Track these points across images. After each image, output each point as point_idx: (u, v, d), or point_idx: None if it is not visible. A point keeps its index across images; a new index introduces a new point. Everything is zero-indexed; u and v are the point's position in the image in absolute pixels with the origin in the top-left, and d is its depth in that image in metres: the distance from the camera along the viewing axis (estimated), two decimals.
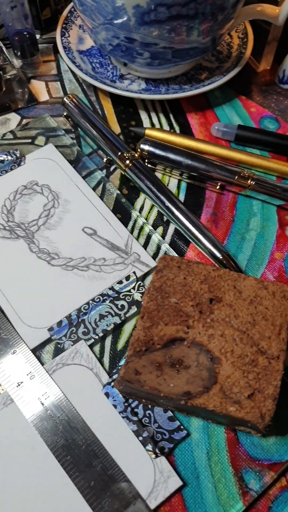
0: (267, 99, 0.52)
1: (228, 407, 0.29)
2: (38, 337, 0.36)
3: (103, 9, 0.41)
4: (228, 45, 0.53)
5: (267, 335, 0.32)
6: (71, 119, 0.48)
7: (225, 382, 0.30)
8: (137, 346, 0.32)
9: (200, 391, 0.30)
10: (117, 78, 0.51)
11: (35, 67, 0.54)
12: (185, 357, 0.32)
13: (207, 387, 0.30)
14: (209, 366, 0.31)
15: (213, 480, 0.31)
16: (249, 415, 0.29)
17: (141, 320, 0.33)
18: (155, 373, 0.31)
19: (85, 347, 0.35)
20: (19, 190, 0.44)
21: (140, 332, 0.32)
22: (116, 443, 0.32)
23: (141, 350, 0.32)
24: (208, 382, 0.30)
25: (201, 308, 0.33)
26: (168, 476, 0.31)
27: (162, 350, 0.32)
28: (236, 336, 0.32)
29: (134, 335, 0.32)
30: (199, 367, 0.31)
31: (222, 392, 0.30)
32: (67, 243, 0.40)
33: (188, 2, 0.39)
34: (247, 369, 0.31)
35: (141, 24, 0.41)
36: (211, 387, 0.30)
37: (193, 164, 0.43)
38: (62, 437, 0.32)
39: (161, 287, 0.34)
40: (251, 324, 0.32)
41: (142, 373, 0.31)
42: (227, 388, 0.30)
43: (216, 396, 0.30)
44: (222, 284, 0.34)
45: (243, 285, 0.34)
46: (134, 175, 0.43)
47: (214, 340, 0.32)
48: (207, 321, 0.33)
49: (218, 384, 0.30)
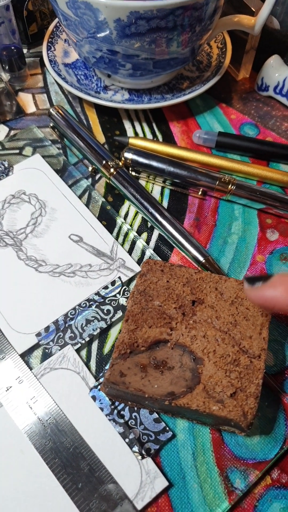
0: (247, 106, 0.51)
1: (211, 406, 0.29)
2: (26, 342, 0.35)
3: (86, 23, 0.40)
4: (208, 55, 0.53)
5: (249, 334, 0.31)
6: (58, 129, 0.48)
7: (208, 382, 0.30)
8: (122, 348, 0.31)
9: (184, 391, 0.30)
10: (101, 89, 0.50)
11: (23, 80, 0.53)
12: (169, 359, 0.31)
13: (190, 387, 0.30)
14: (192, 366, 0.31)
15: (199, 480, 0.30)
16: (231, 413, 0.29)
17: (126, 323, 0.32)
18: (140, 375, 0.31)
19: (72, 351, 0.35)
20: (7, 199, 0.43)
21: (125, 335, 0.32)
22: (103, 445, 0.31)
23: (126, 353, 0.31)
24: (191, 382, 0.30)
25: (184, 310, 0.33)
26: (155, 477, 0.30)
27: (147, 352, 0.31)
28: (218, 336, 0.31)
29: (119, 338, 0.32)
30: (182, 368, 0.31)
31: (205, 392, 0.29)
32: (54, 250, 0.40)
33: (166, 15, 0.38)
34: (229, 369, 0.30)
35: (123, 37, 0.40)
36: (194, 387, 0.30)
37: (176, 171, 0.43)
38: (50, 440, 0.31)
39: (145, 291, 0.33)
40: (233, 325, 0.32)
41: (127, 375, 0.30)
42: (210, 388, 0.30)
43: (199, 396, 0.29)
44: (204, 286, 0.34)
45: (224, 287, 0.34)
46: (119, 183, 0.42)
47: (197, 341, 0.31)
48: (189, 322, 0.32)
49: (201, 384, 0.30)
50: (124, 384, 0.30)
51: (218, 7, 0.42)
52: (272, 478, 0.31)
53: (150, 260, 0.35)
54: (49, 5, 0.55)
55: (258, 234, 0.41)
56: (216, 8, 0.42)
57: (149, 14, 0.38)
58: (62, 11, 0.41)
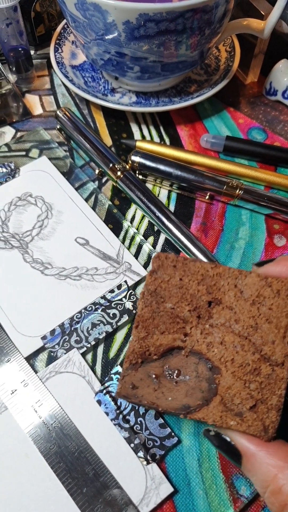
0: (255, 110, 0.51)
1: (228, 421, 0.27)
2: (31, 346, 0.35)
3: (94, 25, 0.41)
4: (216, 59, 0.53)
5: (271, 339, 0.28)
6: (64, 132, 0.48)
7: (225, 394, 0.27)
8: (133, 358, 0.29)
9: (200, 404, 0.28)
10: (108, 91, 0.51)
11: (30, 82, 0.54)
12: (183, 367, 0.29)
13: (206, 399, 0.28)
14: (209, 376, 0.29)
15: (204, 486, 0.30)
16: (251, 428, 0.26)
17: (136, 330, 0.30)
18: (153, 387, 0.29)
19: (78, 355, 0.35)
20: (13, 201, 0.43)
21: (135, 343, 0.30)
22: (108, 450, 0.31)
23: (137, 363, 0.29)
24: (207, 394, 0.28)
25: (199, 312, 0.30)
26: (160, 483, 0.30)
27: (159, 360, 0.29)
28: (237, 342, 0.29)
29: (129, 347, 0.30)
30: (198, 378, 0.29)
31: (222, 405, 0.27)
32: (60, 253, 0.40)
33: (176, 18, 0.39)
34: (249, 379, 0.28)
35: (131, 39, 0.40)
36: (211, 399, 0.28)
37: (183, 175, 0.43)
38: (55, 444, 0.31)
39: (156, 291, 0.31)
40: (253, 328, 0.29)
41: (140, 387, 0.29)
42: (228, 400, 0.27)
43: (216, 410, 0.27)
44: (222, 284, 0.30)
45: (245, 284, 0.30)
46: (126, 186, 0.43)
47: (214, 348, 0.29)
48: (205, 327, 0.29)
49: (218, 396, 0.28)
50: (136, 397, 0.28)
51: (228, 10, 0.42)
52: None
53: (161, 254, 0.31)
54: (57, 7, 0.56)
55: (266, 239, 0.41)
56: (226, 12, 0.42)
57: (158, 16, 0.38)
58: (71, 12, 0.42)
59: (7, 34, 0.49)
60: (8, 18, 0.47)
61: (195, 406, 0.27)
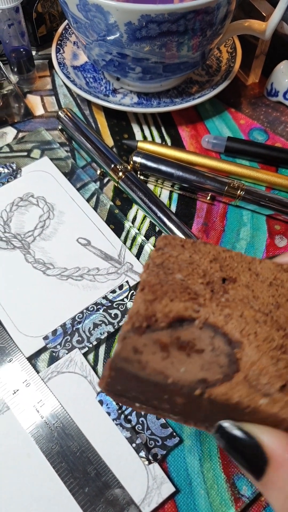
0: (256, 111, 0.52)
1: (257, 399, 0.22)
2: (33, 346, 0.36)
3: (96, 26, 0.41)
4: (218, 60, 0.54)
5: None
6: (66, 132, 0.48)
7: (249, 371, 0.23)
8: (137, 320, 0.24)
9: (220, 379, 0.23)
10: (110, 92, 0.51)
11: (31, 83, 0.54)
12: (196, 340, 0.24)
13: (227, 374, 0.23)
14: (228, 351, 0.24)
15: (205, 486, 0.31)
16: (283, 411, 0.22)
17: (141, 292, 0.25)
18: (160, 355, 0.24)
19: (80, 355, 0.35)
20: (15, 202, 0.43)
21: (141, 304, 0.25)
22: (110, 450, 0.31)
23: (141, 327, 0.24)
24: (228, 370, 0.23)
25: (213, 287, 0.26)
26: (161, 483, 0.30)
27: (167, 330, 0.24)
28: (259, 317, 0.25)
29: (133, 308, 0.25)
30: (215, 352, 0.24)
31: (247, 382, 0.23)
32: (62, 254, 0.40)
33: (177, 19, 0.39)
34: (276, 356, 0.24)
35: (133, 40, 0.41)
36: (232, 375, 0.23)
37: (184, 176, 0.43)
38: (57, 444, 0.32)
39: (163, 264, 0.26)
40: (274, 306, 0.25)
41: (144, 352, 0.24)
42: (253, 378, 0.23)
43: (242, 385, 0.23)
44: (235, 265, 0.27)
45: (260, 268, 0.27)
46: (127, 187, 0.43)
47: (233, 320, 0.25)
48: (221, 300, 0.25)
49: (241, 372, 0.23)
50: (139, 364, 0.23)
51: (229, 12, 0.43)
52: None
53: (168, 235, 0.28)
54: (59, 7, 0.56)
55: (267, 240, 0.42)
56: (227, 13, 0.42)
57: (160, 17, 0.38)
58: (72, 13, 0.42)
59: (9, 35, 0.49)
60: (10, 19, 0.47)
61: (214, 381, 0.23)
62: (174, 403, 0.24)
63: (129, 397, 0.25)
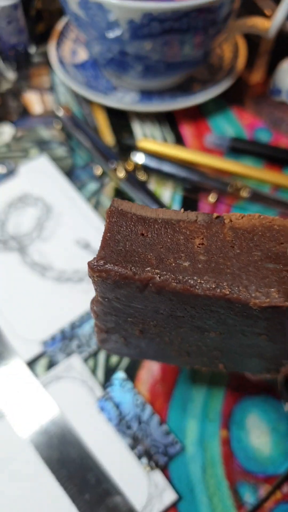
0: (259, 110, 0.52)
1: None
2: (32, 350, 0.36)
3: (97, 24, 0.41)
4: (220, 58, 0.54)
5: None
6: (65, 131, 0.49)
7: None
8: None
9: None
10: (110, 90, 0.51)
11: (30, 80, 0.54)
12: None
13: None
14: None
15: (208, 493, 0.31)
16: None
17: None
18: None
19: (79, 360, 0.35)
20: (13, 202, 0.44)
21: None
22: (110, 457, 0.32)
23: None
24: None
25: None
26: (163, 490, 0.31)
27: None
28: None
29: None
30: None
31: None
32: (60, 256, 0.40)
33: (180, 17, 0.39)
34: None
35: (135, 38, 0.41)
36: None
37: (187, 176, 0.43)
38: (57, 450, 0.32)
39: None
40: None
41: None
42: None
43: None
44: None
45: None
46: (128, 187, 0.43)
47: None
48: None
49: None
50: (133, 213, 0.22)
51: (233, 10, 0.43)
52: (282, 493, 0.31)
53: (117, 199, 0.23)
54: (58, 5, 0.56)
55: None
56: (230, 11, 0.43)
57: (162, 16, 0.39)
58: (73, 11, 0.42)
59: (7, 32, 0.49)
60: (8, 16, 0.48)
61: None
62: (195, 251, 0.21)
63: (136, 260, 0.21)
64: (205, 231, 0.21)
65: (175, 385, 0.35)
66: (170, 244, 0.21)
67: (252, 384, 0.34)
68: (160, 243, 0.21)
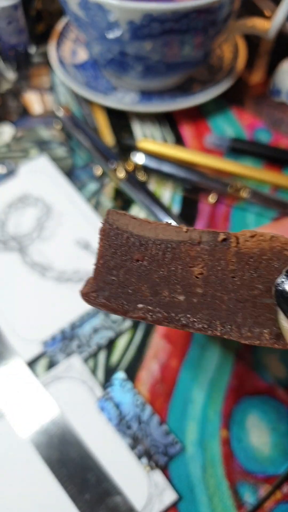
0: (259, 111, 0.52)
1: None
2: (32, 350, 0.36)
3: (97, 24, 0.42)
4: (220, 59, 0.54)
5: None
6: (65, 131, 0.49)
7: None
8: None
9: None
10: (110, 90, 0.52)
11: (30, 80, 0.54)
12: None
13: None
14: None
15: (208, 493, 0.31)
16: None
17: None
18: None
19: (79, 360, 0.36)
20: (13, 202, 0.44)
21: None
22: (110, 457, 0.32)
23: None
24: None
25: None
26: (163, 490, 0.31)
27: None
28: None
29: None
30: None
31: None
32: (60, 256, 0.41)
33: (180, 18, 0.39)
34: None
35: (135, 38, 0.41)
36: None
37: (187, 176, 0.44)
38: (57, 450, 0.32)
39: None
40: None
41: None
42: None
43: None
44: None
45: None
46: (128, 187, 0.43)
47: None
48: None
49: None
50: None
51: (233, 11, 0.43)
52: (282, 493, 0.32)
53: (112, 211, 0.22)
54: (58, 5, 0.57)
55: None
56: (230, 12, 0.43)
57: (162, 16, 0.39)
58: (73, 12, 0.43)
59: (7, 33, 0.50)
60: (9, 16, 0.48)
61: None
62: (192, 283, 0.20)
63: (129, 293, 0.20)
64: (206, 257, 0.20)
65: (175, 385, 0.35)
66: (167, 273, 0.20)
67: (252, 384, 0.35)
68: (156, 272, 0.20)
